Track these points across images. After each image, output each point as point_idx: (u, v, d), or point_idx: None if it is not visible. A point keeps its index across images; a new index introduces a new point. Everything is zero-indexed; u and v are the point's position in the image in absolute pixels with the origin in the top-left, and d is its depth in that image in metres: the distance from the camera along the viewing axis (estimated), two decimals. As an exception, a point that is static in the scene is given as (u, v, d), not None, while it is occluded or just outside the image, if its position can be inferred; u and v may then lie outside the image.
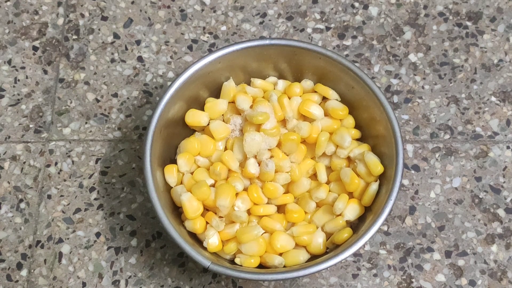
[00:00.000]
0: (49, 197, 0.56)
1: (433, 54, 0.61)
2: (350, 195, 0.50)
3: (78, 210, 0.56)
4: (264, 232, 0.49)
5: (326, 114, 0.53)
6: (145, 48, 0.62)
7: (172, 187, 0.50)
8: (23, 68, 0.61)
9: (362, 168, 0.50)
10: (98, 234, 0.55)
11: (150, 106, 0.60)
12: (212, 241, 0.48)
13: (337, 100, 0.53)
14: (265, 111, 0.50)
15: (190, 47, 0.62)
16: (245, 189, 0.50)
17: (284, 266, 0.48)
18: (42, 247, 0.54)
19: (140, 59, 0.62)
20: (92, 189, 0.57)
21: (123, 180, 0.57)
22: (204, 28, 0.63)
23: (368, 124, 0.53)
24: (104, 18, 0.64)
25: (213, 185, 0.50)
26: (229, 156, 0.50)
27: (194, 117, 0.52)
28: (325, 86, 0.53)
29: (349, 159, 0.52)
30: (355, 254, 0.54)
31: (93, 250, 0.54)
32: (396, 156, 0.48)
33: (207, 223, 0.49)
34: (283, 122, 0.52)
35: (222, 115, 0.53)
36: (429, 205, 0.56)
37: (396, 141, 0.48)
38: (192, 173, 0.51)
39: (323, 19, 0.63)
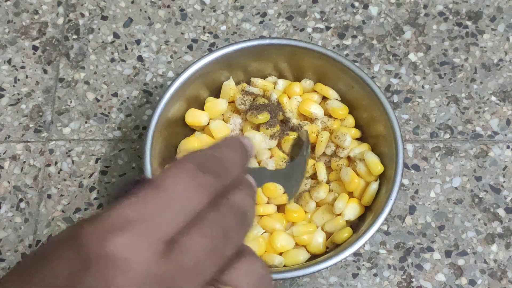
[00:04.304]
0: (49, 196, 0.56)
1: (433, 53, 0.61)
2: (350, 194, 0.50)
3: (78, 210, 0.56)
4: (264, 232, 0.49)
5: (326, 114, 0.53)
6: (145, 47, 0.62)
7: (172, 187, 0.50)
8: (23, 67, 0.61)
9: (362, 167, 0.50)
10: (98, 234, 0.55)
11: (150, 106, 0.60)
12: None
13: (337, 99, 0.53)
14: (265, 111, 0.50)
15: (190, 47, 0.62)
16: (245, 189, 0.50)
17: (284, 266, 0.48)
18: (42, 246, 0.54)
19: (140, 58, 0.62)
20: (92, 189, 0.57)
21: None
22: (204, 27, 0.63)
23: (368, 123, 0.53)
24: (104, 18, 0.64)
25: (213, 185, 0.50)
26: (229, 156, 0.50)
27: (194, 117, 0.52)
28: (325, 86, 0.53)
29: (349, 158, 0.52)
30: (355, 254, 0.54)
31: (93, 250, 0.54)
32: (396, 155, 0.48)
33: (207, 222, 0.49)
34: (283, 122, 0.52)
35: (222, 114, 0.53)
36: (429, 204, 0.56)
37: (396, 141, 0.48)
38: (192, 173, 0.51)
39: (323, 19, 0.63)
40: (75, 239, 0.20)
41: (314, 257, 0.49)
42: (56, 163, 0.57)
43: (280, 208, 0.51)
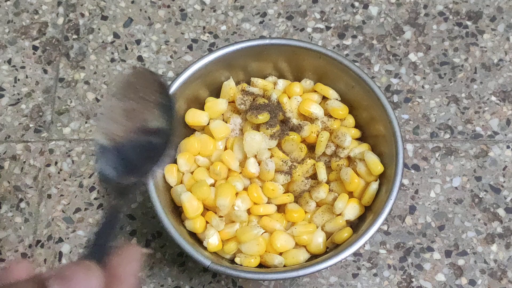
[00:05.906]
0: (49, 196, 0.56)
1: (433, 53, 0.61)
2: (350, 194, 0.50)
3: (78, 210, 0.56)
4: (264, 232, 0.49)
5: (326, 114, 0.53)
6: (145, 47, 0.62)
7: (172, 187, 0.50)
8: (23, 67, 0.61)
9: (362, 167, 0.50)
10: (98, 234, 0.55)
11: (150, 106, 0.60)
12: (212, 240, 0.48)
13: (337, 99, 0.53)
14: (265, 111, 0.50)
15: (190, 47, 0.62)
16: (245, 189, 0.50)
17: (284, 266, 0.48)
18: (42, 246, 0.54)
19: (140, 58, 0.62)
20: (92, 189, 0.57)
21: (123, 180, 0.57)
22: (204, 27, 0.63)
23: (368, 123, 0.53)
24: (104, 18, 0.64)
25: (213, 185, 0.50)
26: (229, 156, 0.50)
27: (194, 117, 0.52)
28: (325, 86, 0.53)
29: (349, 158, 0.52)
30: (355, 254, 0.54)
31: (93, 250, 0.54)
32: (396, 155, 0.48)
33: (207, 222, 0.49)
34: (283, 122, 0.52)
35: (222, 114, 0.53)
36: (429, 204, 0.56)
37: (396, 141, 0.48)
38: (192, 173, 0.51)
39: (323, 19, 0.63)
40: None
41: (314, 257, 0.49)
42: (56, 163, 0.57)
43: (280, 208, 0.51)
